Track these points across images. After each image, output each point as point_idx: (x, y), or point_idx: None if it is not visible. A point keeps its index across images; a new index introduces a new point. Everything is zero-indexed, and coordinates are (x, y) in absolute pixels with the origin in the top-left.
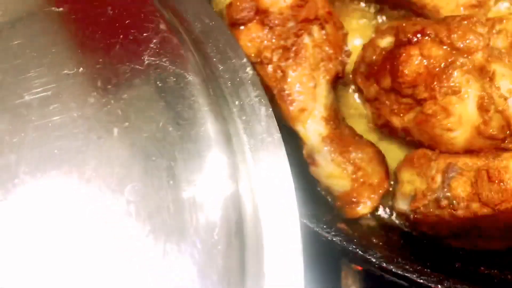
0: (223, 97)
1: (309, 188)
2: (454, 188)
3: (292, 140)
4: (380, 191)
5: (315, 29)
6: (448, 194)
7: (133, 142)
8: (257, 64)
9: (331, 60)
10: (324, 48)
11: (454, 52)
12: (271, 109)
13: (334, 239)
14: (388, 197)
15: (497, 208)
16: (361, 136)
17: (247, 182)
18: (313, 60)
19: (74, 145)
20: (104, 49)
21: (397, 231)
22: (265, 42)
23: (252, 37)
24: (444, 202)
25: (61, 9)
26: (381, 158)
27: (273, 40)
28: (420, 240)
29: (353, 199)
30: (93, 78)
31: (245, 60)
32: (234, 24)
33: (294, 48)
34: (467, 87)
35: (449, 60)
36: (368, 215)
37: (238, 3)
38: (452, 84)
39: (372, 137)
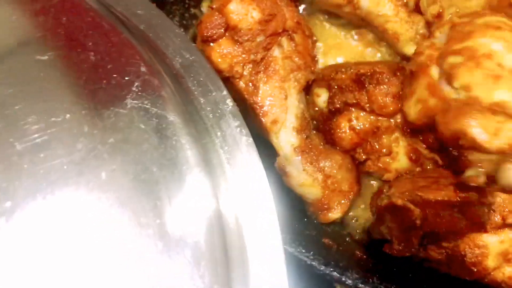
0: (206, 129)
1: (296, 205)
2: None
3: (268, 153)
4: (350, 196)
5: (284, 41)
6: None
7: (120, 184)
8: (230, 78)
9: (300, 70)
10: (294, 59)
11: (378, 118)
12: (251, 138)
13: (312, 263)
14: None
15: None
16: (329, 145)
17: (231, 209)
18: (283, 71)
19: (65, 190)
20: (88, 95)
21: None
22: (236, 57)
23: (223, 53)
24: None
25: (46, 57)
26: (350, 165)
27: (244, 55)
28: (398, 259)
29: (324, 205)
30: (80, 124)
31: (225, 92)
32: (206, 41)
33: (264, 62)
34: (396, 147)
35: (376, 126)
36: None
37: (207, 21)
38: (383, 148)
39: None
